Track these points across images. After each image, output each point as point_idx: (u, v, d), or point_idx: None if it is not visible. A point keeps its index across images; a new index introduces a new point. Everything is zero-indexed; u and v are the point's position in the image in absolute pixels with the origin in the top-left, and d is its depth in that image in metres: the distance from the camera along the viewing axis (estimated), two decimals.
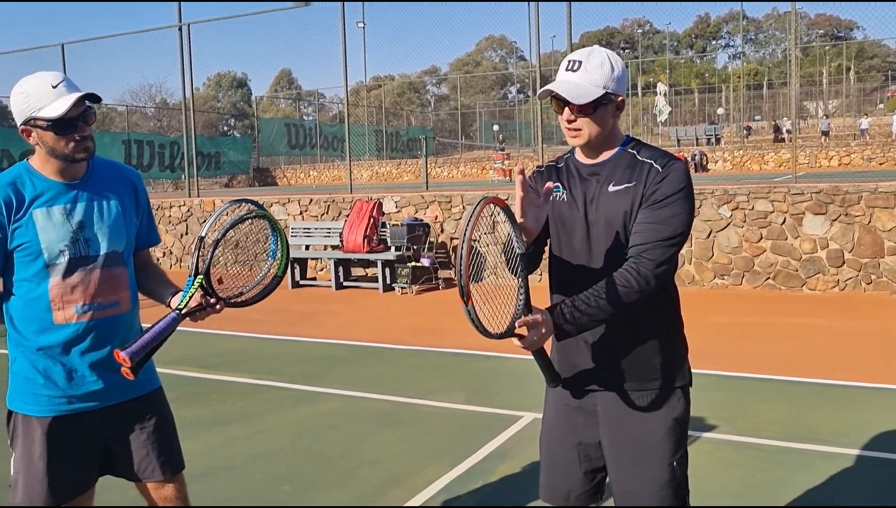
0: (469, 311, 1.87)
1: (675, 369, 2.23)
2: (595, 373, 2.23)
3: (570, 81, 2.13)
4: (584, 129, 2.14)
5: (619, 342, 2.18)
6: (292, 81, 67.17)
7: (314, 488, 4.05)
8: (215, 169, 27.88)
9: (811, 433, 4.57)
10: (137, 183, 2.61)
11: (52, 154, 2.35)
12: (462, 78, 53.21)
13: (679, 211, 2.10)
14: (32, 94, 2.29)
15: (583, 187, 2.21)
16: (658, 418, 2.19)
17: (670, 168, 2.11)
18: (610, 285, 2.04)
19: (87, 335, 2.39)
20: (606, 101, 2.13)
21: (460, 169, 32.28)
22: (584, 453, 2.29)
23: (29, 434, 2.40)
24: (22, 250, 2.33)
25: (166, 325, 2.23)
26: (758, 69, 53.65)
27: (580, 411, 2.28)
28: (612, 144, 2.21)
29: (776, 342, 7.01)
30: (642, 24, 65.84)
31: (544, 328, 1.99)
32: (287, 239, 2.47)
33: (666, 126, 37.59)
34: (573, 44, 12.09)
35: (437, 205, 11.41)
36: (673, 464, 2.19)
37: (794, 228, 9.26)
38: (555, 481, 2.35)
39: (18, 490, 2.43)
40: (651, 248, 2.07)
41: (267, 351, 7.39)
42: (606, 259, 2.15)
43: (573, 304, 2.03)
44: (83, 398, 2.42)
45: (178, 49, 14.86)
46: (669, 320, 2.25)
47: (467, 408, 5.30)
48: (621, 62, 2.17)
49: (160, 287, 2.55)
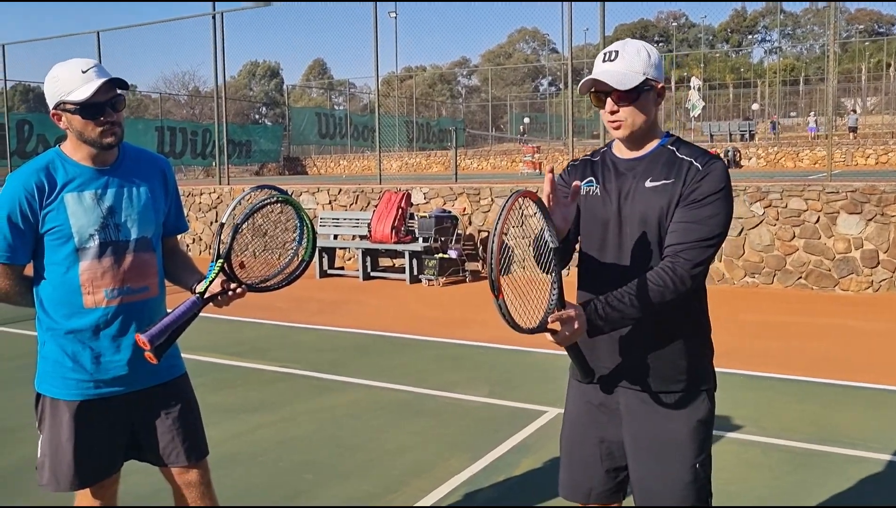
0: (500, 305, 1.85)
1: (701, 371, 2.20)
2: (619, 371, 2.20)
3: (610, 70, 2.10)
4: (628, 118, 2.12)
5: (646, 341, 2.15)
6: (325, 70, 67.47)
7: (336, 476, 4.07)
8: (246, 157, 28.13)
9: (839, 436, 4.49)
10: (167, 170, 2.64)
11: (81, 138, 2.37)
12: (493, 70, 53.03)
13: (718, 211, 2.06)
14: (63, 78, 2.32)
15: (618, 182, 2.17)
16: (682, 418, 2.16)
17: (711, 167, 2.08)
18: (645, 284, 2.01)
19: (116, 320, 2.42)
20: (648, 87, 2.11)
21: (490, 161, 32.20)
22: (606, 451, 2.27)
23: (57, 418, 2.44)
24: (53, 234, 2.36)
25: (186, 309, 2.24)
26: (794, 64, 52.76)
27: (603, 408, 2.26)
28: (652, 137, 2.18)
29: (806, 341, 6.91)
30: (677, 18, 65.13)
31: (577, 324, 1.96)
32: (313, 223, 2.47)
33: (699, 121, 37.13)
34: (606, 37, 11.98)
35: (466, 197, 11.39)
36: (696, 465, 2.15)
37: (828, 227, 9.11)
38: (576, 478, 2.33)
39: (45, 471, 2.47)
40: (688, 248, 2.04)
41: (292, 339, 7.44)
42: (638, 257, 2.12)
43: (607, 301, 2.01)
44: (110, 382, 2.45)
45: (212, 37, 14.99)
46: (697, 322, 2.22)
47: (491, 401, 5.29)
48: (656, 50, 2.15)
49: (186, 274, 2.58)
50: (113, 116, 2.35)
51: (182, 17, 17.42)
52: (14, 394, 5.39)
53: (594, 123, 35.53)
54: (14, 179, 2.36)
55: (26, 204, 2.33)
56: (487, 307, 1.87)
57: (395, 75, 43.39)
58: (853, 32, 54.82)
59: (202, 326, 2.43)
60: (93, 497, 2.52)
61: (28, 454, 4.40)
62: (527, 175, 20.57)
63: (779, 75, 39.96)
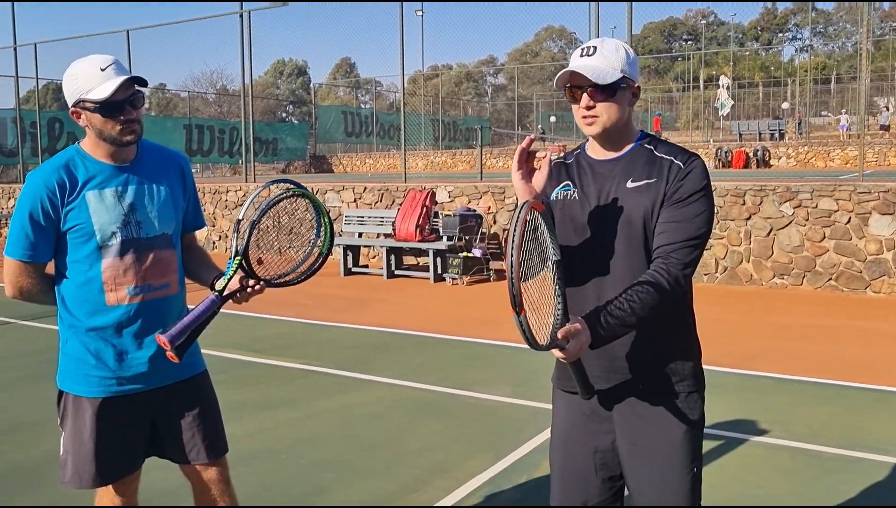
0: (521, 322, 1.78)
1: (690, 373, 2.14)
2: (611, 377, 2.14)
3: (588, 64, 2.07)
4: (603, 114, 2.08)
5: (635, 345, 2.10)
6: (352, 68, 67.71)
7: (357, 475, 4.06)
8: (272, 155, 28.31)
9: (869, 442, 4.40)
10: (185, 167, 2.64)
11: (100, 136, 2.37)
12: (520, 68, 52.85)
13: (703, 209, 2.04)
14: (81, 76, 2.31)
15: (597, 184, 2.13)
16: (676, 423, 2.11)
17: (692, 165, 2.06)
18: (641, 289, 1.96)
19: (139, 317, 2.43)
20: (624, 85, 2.08)
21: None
22: (600, 460, 2.20)
23: (79, 415, 2.44)
24: (75, 232, 2.37)
25: (205, 308, 2.23)
26: (826, 63, 51.96)
27: (595, 416, 2.20)
28: (628, 137, 2.15)
29: (836, 345, 6.78)
30: (706, 16, 64.46)
31: (584, 337, 1.90)
32: (330, 216, 2.45)
33: (728, 120, 36.71)
34: (634, 35, 11.86)
35: (491, 196, 11.35)
36: (693, 470, 2.12)
37: (860, 228, 8.94)
38: (569, 490, 2.25)
39: (68, 468, 2.48)
40: (679, 248, 2.00)
41: (316, 337, 7.46)
42: (624, 259, 2.07)
43: (607, 310, 1.95)
44: (132, 379, 2.45)
45: (239, 36, 15.08)
46: (684, 323, 2.17)
47: (513, 401, 5.26)
48: (633, 51, 2.14)
49: (204, 270, 2.58)
50: (132, 113, 2.34)
51: (210, 16, 17.55)
52: (43, 388, 5.45)
53: None
54: (35, 177, 2.36)
55: (48, 202, 2.33)
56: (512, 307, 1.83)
57: (421, 74, 43.42)
58: (887, 30, 53.83)
59: (225, 323, 2.43)
60: (115, 493, 2.53)
61: (55, 448, 4.46)
62: None
63: (810, 74, 39.28)
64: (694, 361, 2.17)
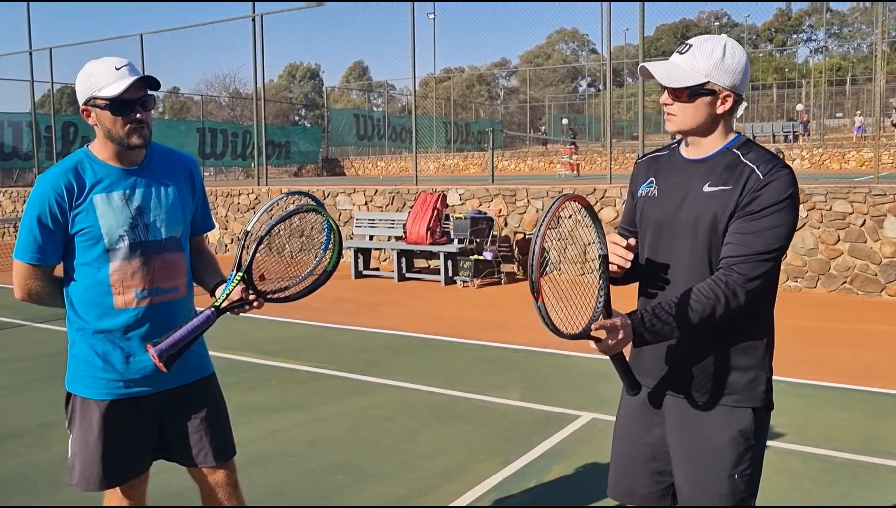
0: (539, 307, 1.81)
1: (748, 391, 2.08)
2: (664, 376, 2.14)
3: (671, 62, 2.04)
4: (678, 115, 2.05)
5: (691, 350, 2.08)
6: (364, 71, 67.83)
7: (367, 478, 4.05)
8: (285, 158, 28.40)
9: (885, 447, 4.34)
10: (194, 169, 2.64)
11: (108, 136, 2.37)
12: (532, 71, 52.78)
13: (778, 223, 1.95)
14: (95, 74, 2.33)
15: (677, 184, 2.10)
16: (720, 427, 2.08)
17: (773, 176, 1.96)
18: (695, 296, 1.94)
19: (147, 320, 2.43)
20: (706, 91, 2.01)
21: (528, 163, 32.06)
22: (650, 453, 2.21)
23: (87, 417, 2.45)
24: (83, 235, 2.37)
25: (200, 322, 2.24)
26: (841, 64, 51.58)
27: (651, 410, 2.21)
28: (715, 140, 2.08)
29: (851, 348, 6.72)
30: (720, 17, 64.13)
31: (622, 334, 1.90)
32: (341, 234, 2.44)
33: (742, 122, 36.49)
34: (646, 37, 11.83)
35: (502, 198, 11.33)
36: (734, 476, 2.07)
37: (875, 230, 8.86)
38: (618, 476, 2.30)
39: (76, 472, 2.49)
40: (743, 261, 1.95)
41: (327, 340, 7.46)
42: (688, 263, 2.05)
43: (654, 312, 1.94)
44: (139, 382, 2.46)
45: (251, 40, 15.14)
46: (752, 339, 2.08)
47: (524, 405, 5.23)
48: (742, 57, 2.02)
49: (208, 275, 2.59)
50: (142, 114, 2.35)
51: (223, 20, 17.65)
52: (56, 390, 5.47)
53: (633, 125, 35.16)
54: (43, 180, 2.37)
55: (56, 205, 2.34)
56: (523, 310, 1.84)
57: (433, 77, 43.42)
58: None
59: (237, 325, 2.45)
60: (122, 496, 2.53)
61: (65, 451, 4.48)
62: (564, 177, 20.42)
63: (824, 75, 39.01)
64: (756, 380, 2.09)
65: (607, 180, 11.72)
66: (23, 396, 5.67)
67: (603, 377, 5.42)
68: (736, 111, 2.08)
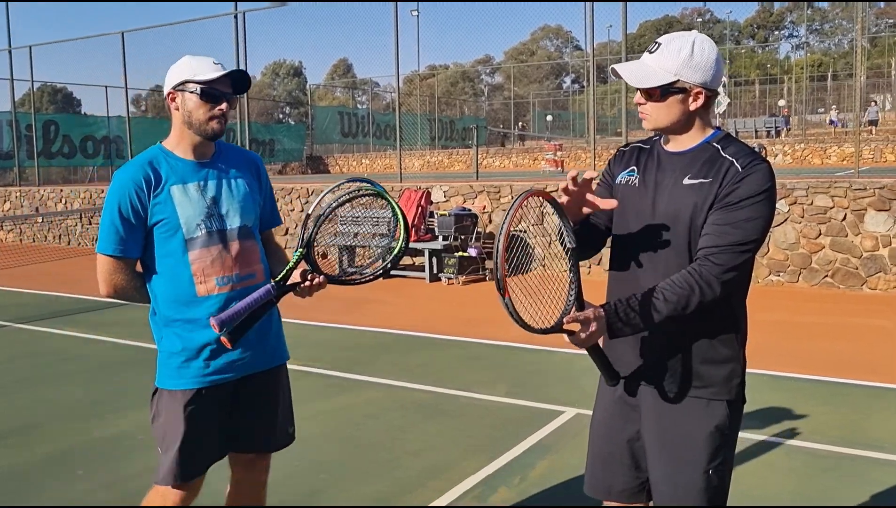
0: (507, 304, 1.82)
1: (723, 382, 2.10)
2: (640, 368, 2.15)
3: (641, 62, 2.05)
4: (652, 114, 2.06)
5: (667, 342, 2.09)
6: (348, 69, 67.65)
7: (352, 477, 4.04)
8: (269, 156, 28.27)
9: (868, 440, 4.39)
10: (260, 166, 2.74)
11: (188, 122, 2.44)
12: (516, 67, 52.83)
13: (755, 216, 1.97)
14: (194, 64, 2.45)
15: (658, 176, 2.11)
16: (697, 421, 2.09)
17: (752, 169, 1.98)
18: (670, 287, 1.95)
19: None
20: (677, 90, 2.02)
21: (512, 159, 32.08)
22: (628, 448, 2.22)
23: (173, 408, 2.49)
24: (161, 226, 2.44)
25: (259, 296, 2.28)
26: (822, 60, 51.98)
27: (624, 403, 2.22)
28: (693, 136, 2.09)
29: (833, 342, 6.78)
30: (702, 14, 64.50)
31: (595, 326, 1.91)
32: (406, 215, 2.46)
33: (724, 118, 36.69)
34: (629, 34, 11.87)
35: (486, 195, 11.34)
36: (709, 472, 2.08)
37: (855, 224, 8.94)
38: (595, 473, 2.31)
39: (164, 467, 2.50)
40: (719, 252, 1.96)
41: (312, 338, 7.44)
42: (666, 254, 2.06)
43: (628, 303, 1.95)
44: (222, 369, 2.51)
45: (234, 37, 15.05)
46: (727, 331, 2.10)
47: (510, 401, 5.24)
48: (711, 52, 2.01)
49: (277, 265, 2.64)
50: (224, 106, 2.44)
51: (205, 17, 17.53)
52: (39, 392, 5.42)
53: (617, 121, 35.26)
54: (122, 174, 2.44)
55: (136, 197, 2.40)
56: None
57: (417, 74, 43.33)
58: (882, 27, 53.94)
59: None
60: (184, 495, 2.55)
61: (49, 451, 4.43)
62: (549, 173, 20.45)
63: (806, 71, 39.27)
64: (730, 374, 2.10)
65: None
66: (3, 398, 5.61)
67: (587, 372, 5.43)
68: (711, 106, 2.09)
